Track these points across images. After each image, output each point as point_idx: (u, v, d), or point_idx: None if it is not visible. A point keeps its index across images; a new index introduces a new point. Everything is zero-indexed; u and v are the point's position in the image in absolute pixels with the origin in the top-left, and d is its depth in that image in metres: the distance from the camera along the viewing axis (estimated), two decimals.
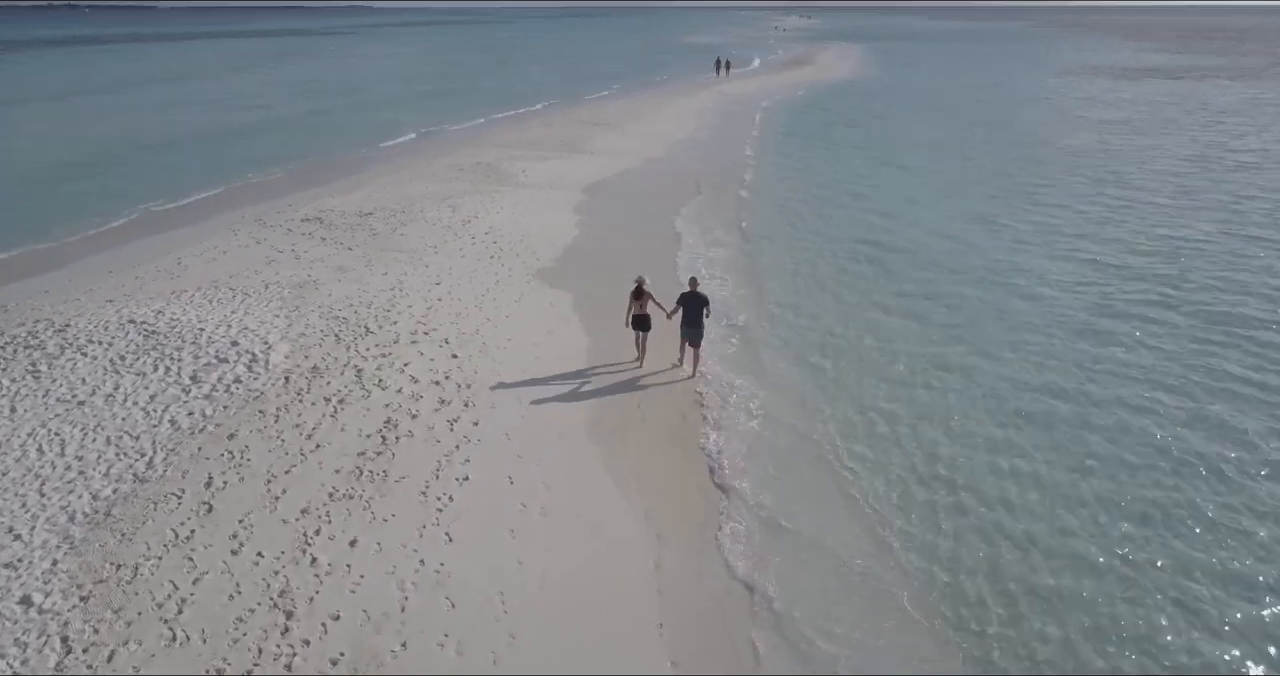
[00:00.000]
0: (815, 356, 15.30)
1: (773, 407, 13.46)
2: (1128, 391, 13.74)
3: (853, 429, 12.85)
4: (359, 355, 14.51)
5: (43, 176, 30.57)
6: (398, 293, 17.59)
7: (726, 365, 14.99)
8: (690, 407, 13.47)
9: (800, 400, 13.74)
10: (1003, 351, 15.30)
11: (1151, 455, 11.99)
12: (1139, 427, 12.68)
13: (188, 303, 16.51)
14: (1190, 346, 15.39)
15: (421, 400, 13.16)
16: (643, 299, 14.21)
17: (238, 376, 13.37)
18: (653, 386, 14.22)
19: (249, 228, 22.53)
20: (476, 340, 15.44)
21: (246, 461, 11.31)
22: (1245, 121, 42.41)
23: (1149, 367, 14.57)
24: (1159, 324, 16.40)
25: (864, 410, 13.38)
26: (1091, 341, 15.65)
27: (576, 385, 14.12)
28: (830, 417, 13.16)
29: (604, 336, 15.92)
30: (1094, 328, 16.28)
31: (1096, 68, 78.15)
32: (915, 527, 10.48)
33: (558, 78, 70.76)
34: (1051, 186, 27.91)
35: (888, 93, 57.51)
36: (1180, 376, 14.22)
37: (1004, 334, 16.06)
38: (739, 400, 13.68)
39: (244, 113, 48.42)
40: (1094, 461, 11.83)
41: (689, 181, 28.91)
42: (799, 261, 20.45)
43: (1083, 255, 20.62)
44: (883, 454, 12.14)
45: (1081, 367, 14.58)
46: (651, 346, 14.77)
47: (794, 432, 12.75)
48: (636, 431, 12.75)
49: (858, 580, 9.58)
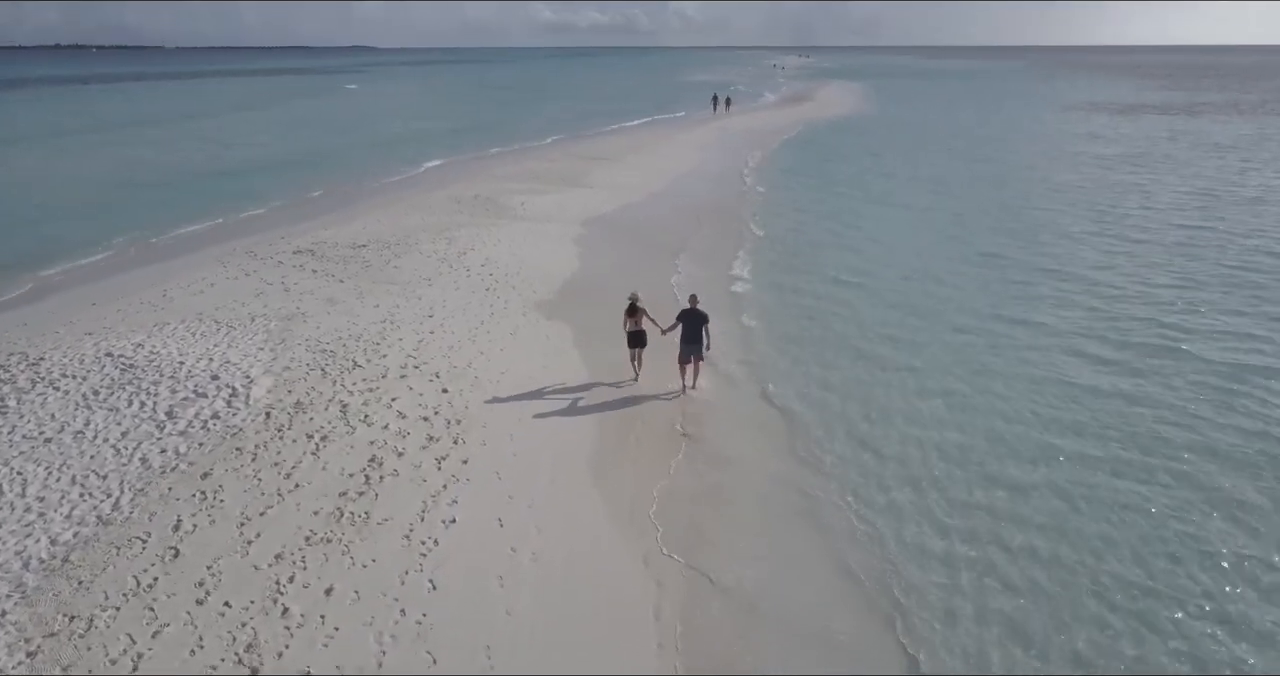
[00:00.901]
0: (814, 389, 14.67)
1: (773, 442, 12.81)
2: (1131, 435, 13.00)
3: (854, 465, 12.18)
4: (345, 390, 13.89)
5: (30, 211, 30.09)
6: (388, 325, 17.01)
7: (728, 395, 14.38)
8: (689, 440, 12.82)
9: (802, 434, 13.08)
10: (1001, 387, 14.61)
11: (1154, 516, 11.31)
12: (1143, 480, 11.97)
13: (169, 335, 15.91)
14: (1197, 392, 14.33)
15: (408, 437, 12.50)
16: (637, 315, 14.34)
17: (216, 412, 12.72)
18: (650, 414, 13.69)
19: (239, 260, 22.02)
20: (468, 374, 14.83)
21: (219, 502, 10.62)
22: (1245, 156, 42.16)
23: (1154, 412, 13.57)
24: (1165, 366, 15.45)
25: (866, 446, 12.72)
26: (1092, 380, 14.84)
27: (572, 419, 13.48)
28: (830, 451, 12.49)
29: (601, 367, 15.39)
30: (1096, 368, 15.38)
31: (1095, 104, 78.53)
32: (923, 573, 9.78)
33: (558, 114, 71.00)
34: (1053, 222, 27.16)
35: (887, 128, 57.49)
36: (1188, 426, 13.10)
37: (1003, 368, 15.38)
38: (739, 434, 13.04)
39: (242, 150, 48.32)
40: (1087, 503, 11.16)
41: (689, 216, 28.39)
42: (800, 296, 19.89)
43: (1085, 290, 19.87)
44: (893, 503, 11.45)
45: (1080, 404, 13.91)
46: (647, 362, 14.82)
47: (794, 468, 12.07)
48: (634, 467, 12.07)
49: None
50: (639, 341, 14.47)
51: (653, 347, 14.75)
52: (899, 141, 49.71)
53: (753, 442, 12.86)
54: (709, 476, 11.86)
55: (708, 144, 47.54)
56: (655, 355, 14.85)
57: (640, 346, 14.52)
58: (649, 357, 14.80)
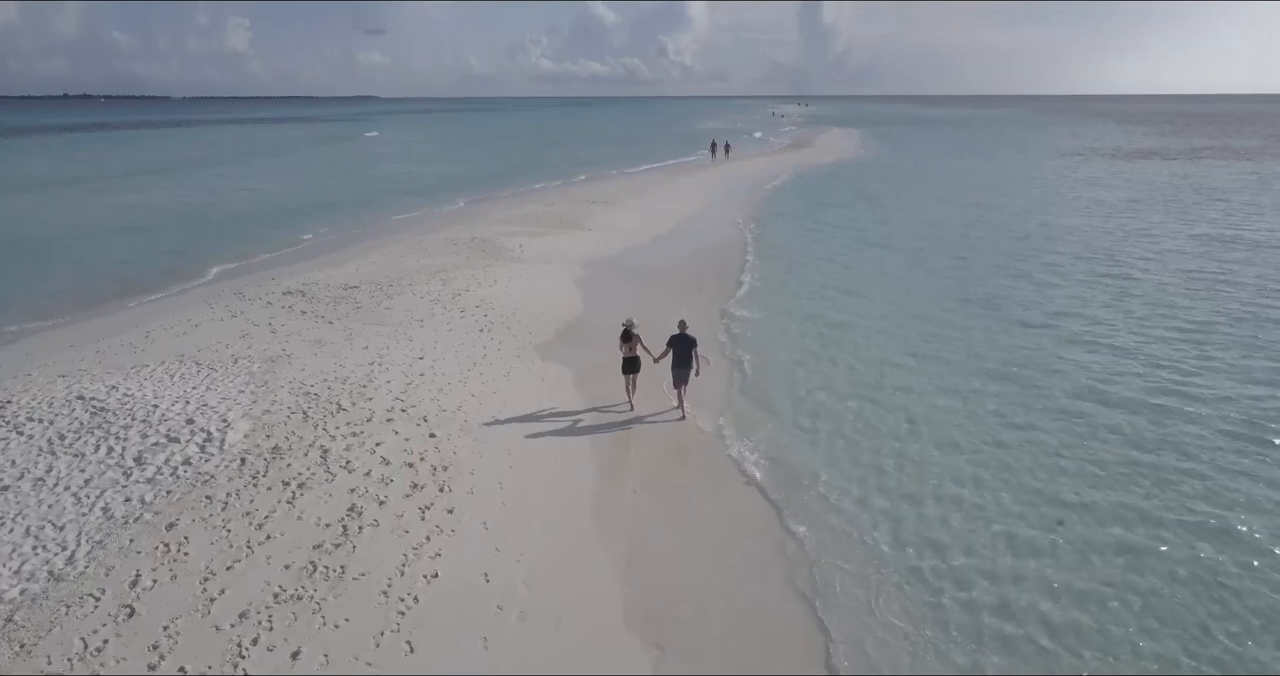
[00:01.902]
0: (808, 422, 14.23)
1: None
2: (1136, 499, 12.15)
3: (854, 518, 11.43)
4: (327, 434, 13.16)
5: (19, 256, 29.57)
6: (376, 367, 16.34)
7: (728, 436, 13.68)
8: (689, 478, 12.09)
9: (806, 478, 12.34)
10: (1003, 435, 13.94)
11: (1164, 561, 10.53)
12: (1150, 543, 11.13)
13: (146, 378, 15.23)
14: (1207, 445, 13.43)
15: (391, 484, 11.74)
16: (631, 341, 14.67)
17: (188, 458, 11.99)
18: (648, 452, 13.18)
19: (226, 300, 21.44)
20: (458, 418, 14.11)
21: (183, 556, 9.84)
22: (1247, 200, 41.76)
23: (1161, 470, 12.63)
24: (1171, 412, 14.69)
25: (866, 497, 11.99)
26: (1098, 427, 14.08)
27: (566, 464, 12.74)
28: (832, 506, 11.74)
29: (599, 408, 14.80)
30: (1101, 415, 14.57)
31: (1094, 150, 78.89)
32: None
33: (559, 159, 71.33)
34: (1056, 267, 26.42)
35: (886, 173, 57.39)
36: (1195, 486, 12.17)
37: (1002, 416, 14.67)
38: (732, 481, 12.31)
39: (240, 195, 48.18)
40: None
41: (688, 259, 27.85)
42: (800, 338, 19.28)
43: (1087, 335, 19.10)
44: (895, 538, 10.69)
45: (1086, 452, 13.17)
46: (641, 387, 15.08)
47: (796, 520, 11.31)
48: (633, 513, 11.33)
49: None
50: (633, 367, 14.82)
51: (645, 373, 15.03)
52: (898, 186, 49.54)
53: (749, 495, 12.12)
54: (709, 524, 11.10)
55: (708, 188, 47.36)
56: (647, 381, 15.16)
57: (634, 372, 14.87)
58: (642, 383, 15.09)
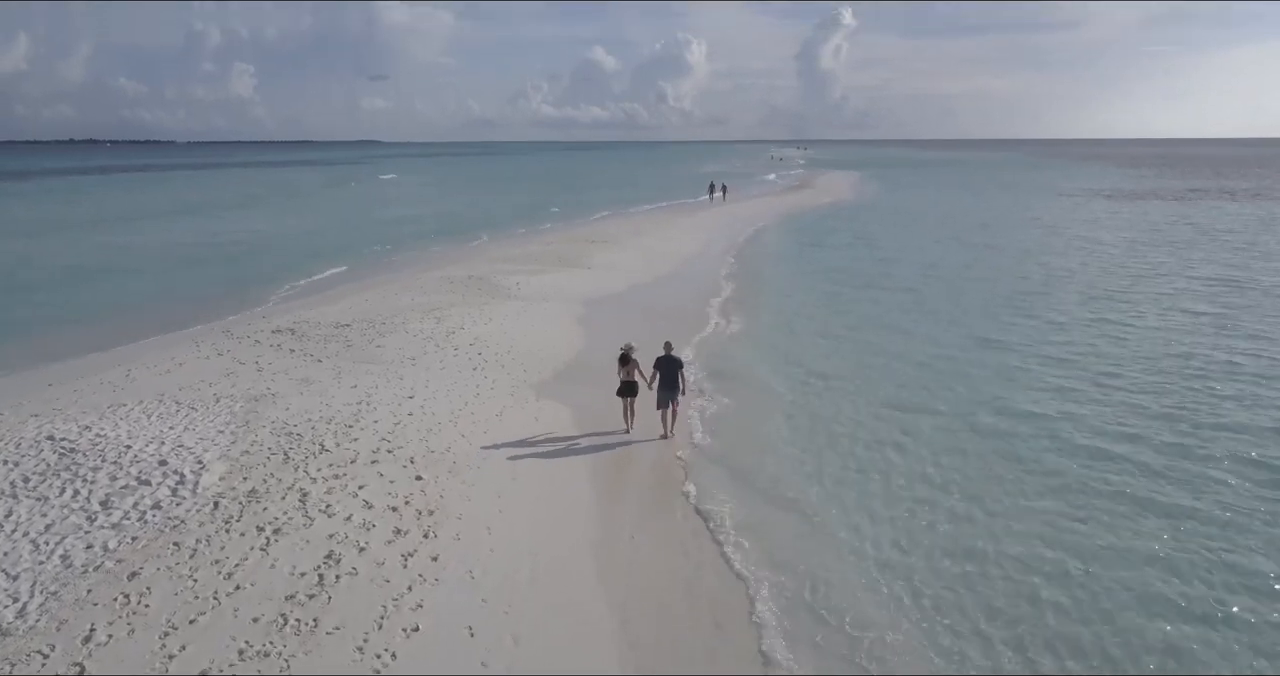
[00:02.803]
0: (813, 479, 13.33)
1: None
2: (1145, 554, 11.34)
3: (852, 571, 10.71)
4: (307, 476, 12.49)
5: (6, 296, 29.09)
6: (364, 407, 15.72)
7: (725, 486, 13.01)
8: (688, 512, 11.40)
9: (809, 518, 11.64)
10: (1005, 483, 13.17)
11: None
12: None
13: (122, 417, 14.59)
14: (1217, 492, 12.65)
15: (373, 530, 11.04)
16: (630, 365, 14.84)
17: (158, 501, 11.31)
18: (647, 487, 12.78)
19: (214, 338, 20.88)
20: (446, 459, 13.45)
21: (144, 608, 9.12)
22: (1250, 240, 41.23)
23: (1168, 525, 11.71)
24: (1181, 463, 13.75)
25: (864, 547, 11.29)
26: (1104, 482, 13.07)
27: (559, 508, 12.07)
28: (834, 555, 11.04)
29: (589, 444, 14.17)
30: (1109, 469, 13.49)
31: (1091, 191, 79.07)
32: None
33: (560, 200, 71.41)
34: (1063, 310, 25.51)
35: (884, 215, 57.16)
36: (1202, 546, 11.20)
37: (1004, 463, 13.82)
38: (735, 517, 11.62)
39: (237, 236, 47.90)
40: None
41: (686, 299, 27.30)
42: (803, 376, 18.70)
43: (1094, 381, 18.04)
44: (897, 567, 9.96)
45: (1094, 510, 12.26)
46: (639, 413, 15.14)
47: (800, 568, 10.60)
48: (630, 558, 10.67)
49: None
50: (630, 391, 14.95)
51: (642, 398, 15.11)
52: (896, 227, 49.18)
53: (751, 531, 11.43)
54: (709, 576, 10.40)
55: (708, 228, 47.13)
56: (644, 408, 15.16)
57: (632, 395, 14.98)
58: (640, 408, 15.14)
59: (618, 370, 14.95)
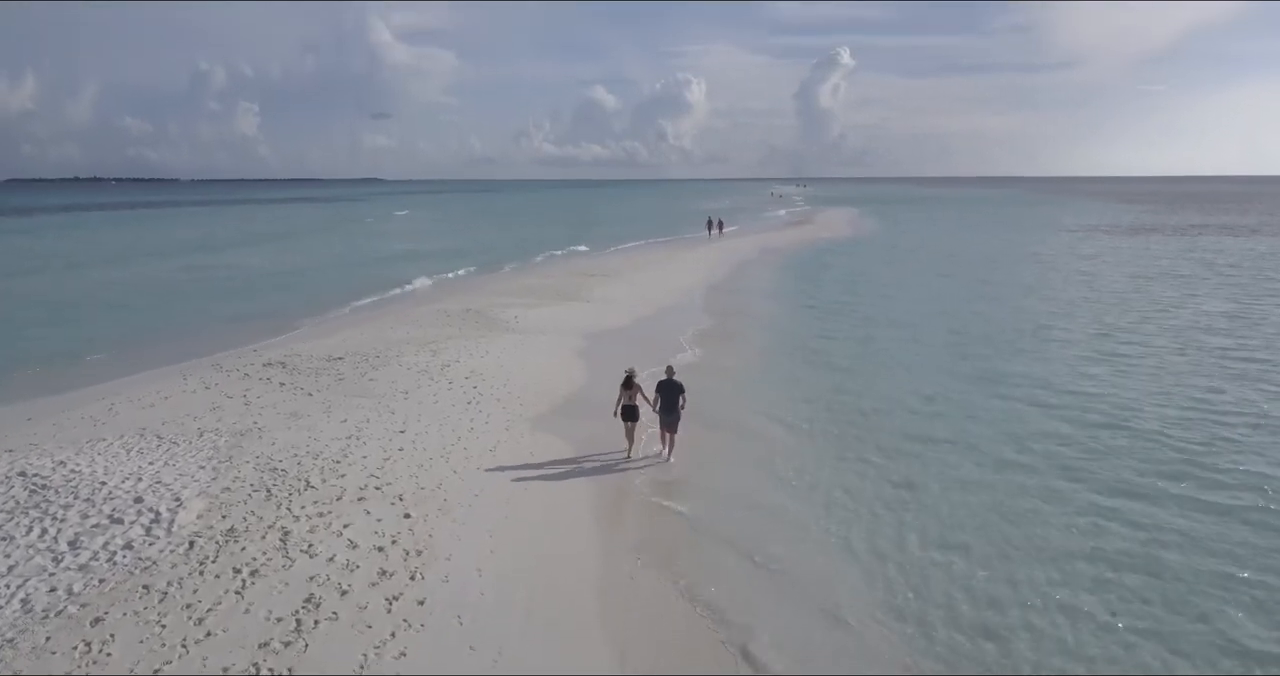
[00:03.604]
0: (816, 516, 12.67)
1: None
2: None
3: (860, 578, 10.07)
4: (290, 514, 11.90)
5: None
6: (353, 441, 15.17)
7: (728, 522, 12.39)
8: (693, 546, 10.77)
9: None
10: (1013, 532, 12.64)
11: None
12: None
13: (100, 452, 14.03)
14: (1225, 533, 12.03)
15: (357, 571, 10.43)
16: (632, 389, 14.86)
17: (129, 541, 10.71)
18: (646, 519, 11.92)
19: (202, 372, 20.36)
20: (437, 496, 12.86)
21: (104, 657, 8.49)
22: (1256, 274, 40.63)
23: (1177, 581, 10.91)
24: (1191, 504, 13.04)
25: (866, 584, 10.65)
26: (1111, 533, 12.22)
27: (554, 547, 11.44)
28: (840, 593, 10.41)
29: (585, 480, 13.51)
30: (1118, 517, 12.67)
31: (1094, 226, 78.71)
32: None
33: (561, 235, 71.26)
34: (1071, 345, 24.87)
35: (884, 251, 56.61)
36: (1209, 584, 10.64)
37: (1013, 510, 13.12)
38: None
39: (230, 271, 47.61)
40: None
41: (686, 332, 26.75)
42: (810, 414, 18.13)
43: (1104, 421, 17.24)
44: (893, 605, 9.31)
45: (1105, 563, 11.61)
46: (639, 438, 15.18)
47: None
48: (631, 599, 10.02)
49: None
50: (632, 415, 14.93)
51: (643, 423, 15.21)
52: (896, 263, 48.42)
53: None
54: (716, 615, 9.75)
55: (709, 263, 46.79)
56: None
57: (634, 420, 14.97)
58: (640, 433, 15.21)
59: (620, 394, 14.98)
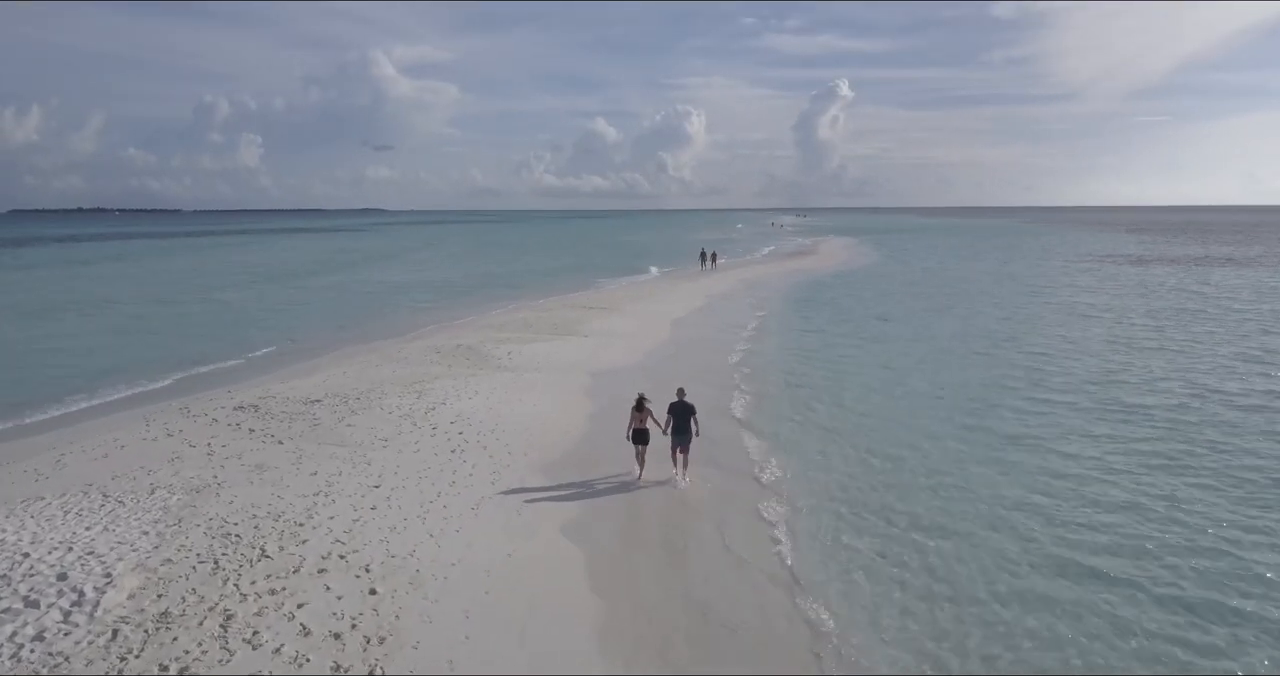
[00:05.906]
0: (824, 548, 11.15)
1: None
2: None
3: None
4: (238, 591, 10.38)
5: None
6: (321, 499, 13.67)
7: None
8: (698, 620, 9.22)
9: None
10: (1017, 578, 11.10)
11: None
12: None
13: (35, 514, 12.53)
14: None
15: (305, 666, 8.89)
16: (643, 412, 14.89)
17: (41, 631, 9.17)
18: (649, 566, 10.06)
19: (167, 417, 18.87)
20: (408, 566, 11.34)
21: None
22: (1274, 308, 39.02)
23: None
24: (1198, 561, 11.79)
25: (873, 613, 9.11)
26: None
27: (539, 629, 9.89)
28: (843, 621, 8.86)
29: (579, 534, 11.99)
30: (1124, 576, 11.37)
31: (1099, 256, 77.45)
32: None
33: (560, 266, 70.18)
34: (1080, 387, 23.01)
35: (886, 282, 54.68)
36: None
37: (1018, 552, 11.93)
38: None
39: (217, 306, 46.31)
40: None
41: (684, 369, 25.17)
42: (824, 443, 16.65)
43: (1119, 466, 15.97)
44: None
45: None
46: (650, 464, 15.12)
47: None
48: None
49: None
50: (643, 438, 14.98)
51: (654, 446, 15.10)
52: (899, 296, 46.14)
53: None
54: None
55: (707, 295, 45.46)
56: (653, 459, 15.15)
57: (644, 443, 15.00)
58: (651, 458, 15.14)
59: (631, 417, 15.04)
